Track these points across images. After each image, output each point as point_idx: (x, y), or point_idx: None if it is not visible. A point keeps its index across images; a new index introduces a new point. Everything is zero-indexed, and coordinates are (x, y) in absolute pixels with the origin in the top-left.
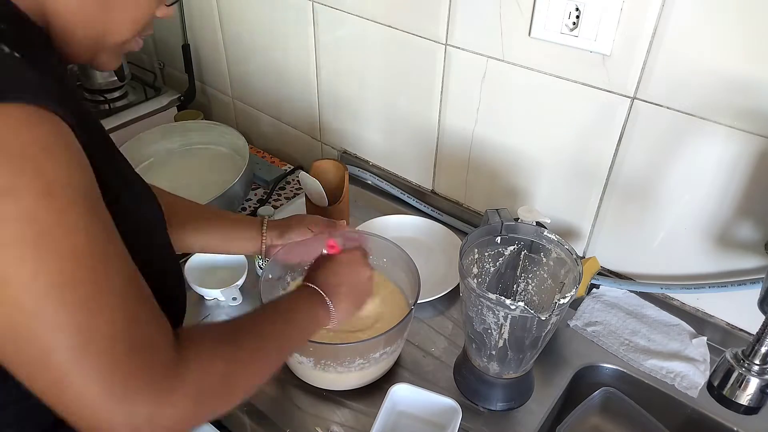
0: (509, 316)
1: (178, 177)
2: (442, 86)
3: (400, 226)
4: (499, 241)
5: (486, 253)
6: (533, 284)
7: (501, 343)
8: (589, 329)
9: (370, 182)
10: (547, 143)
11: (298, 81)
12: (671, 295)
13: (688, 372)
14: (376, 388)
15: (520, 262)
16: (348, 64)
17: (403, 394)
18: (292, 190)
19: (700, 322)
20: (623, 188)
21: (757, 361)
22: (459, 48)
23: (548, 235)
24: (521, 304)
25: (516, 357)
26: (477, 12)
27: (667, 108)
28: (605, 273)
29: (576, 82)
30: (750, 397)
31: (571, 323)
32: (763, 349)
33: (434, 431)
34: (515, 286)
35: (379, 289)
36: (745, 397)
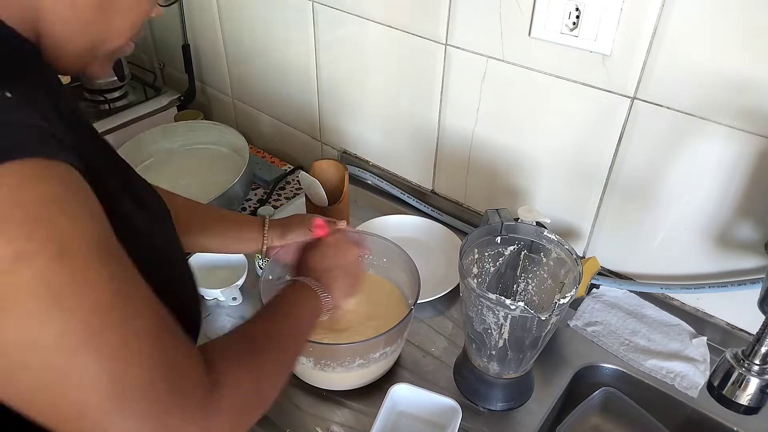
0: (509, 316)
1: (178, 177)
2: (442, 86)
3: (400, 226)
4: (499, 241)
5: (486, 253)
6: (533, 284)
7: (501, 343)
8: (589, 329)
9: (370, 182)
10: (547, 143)
11: (298, 81)
12: (671, 295)
13: (688, 372)
14: (376, 388)
15: (520, 262)
16: (348, 64)
17: (403, 394)
18: (292, 190)
19: (700, 322)
20: (623, 188)
21: (757, 361)
22: (459, 48)
23: (548, 235)
24: (521, 304)
25: (516, 357)
26: (477, 12)
27: (667, 108)
28: (605, 273)
29: (576, 82)
30: (750, 397)
31: (571, 323)
32: (763, 349)
33: (434, 431)
34: (515, 286)
35: (378, 289)
36: (745, 397)
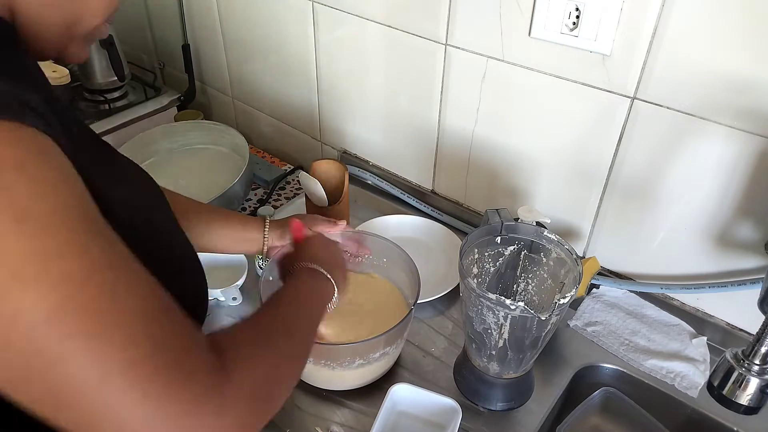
0: (509, 316)
1: (178, 177)
2: (442, 86)
3: (400, 226)
4: (499, 241)
5: (486, 253)
6: (533, 284)
7: (501, 343)
8: (589, 329)
9: (370, 182)
10: (547, 143)
11: (298, 81)
12: (671, 295)
13: (688, 372)
14: (376, 388)
15: (520, 262)
16: (348, 64)
17: (403, 394)
18: (292, 190)
19: (700, 322)
20: (623, 188)
21: (757, 361)
22: (459, 48)
23: (548, 235)
24: (521, 304)
25: (516, 357)
26: (477, 12)
27: (667, 108)
28: (605, 273)
29: (576, 82)
30: (750, 397)
31: (571, 323)
32: (763, 349)
33: (434, 431)
34: (515, 286)
35: (378, 289)
36: (745, 397)
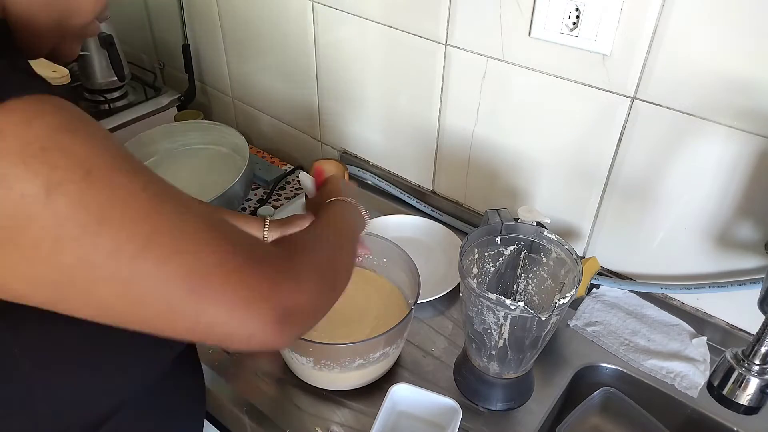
0: (509, 316)
1: (178, 177)
2: (442, 86)
3: (400, 226)
4: (499, 241)
5: (486, 253)
6: (533, 284)
7: (501, 343)
8: (589, 329)
9: (370, 182)
10: (547, 143)
11: (298, 81)
12: (671, 295)
13: (688, 372)
14: (376, 388)
15: (520, 262)
16: (348, 64)
17: (403, 394)
18: (292, 190)
19: (700, 322)
20: (623, 188)
21: (757, 361)
22: (459, 48)
23: (548, 235)
24: (521, 304)
25: (516, 357)
26: (477, 12)
27: (667, 108)
28: (605, 273)
29: (576, 82)
30: (750, 397)
31: (571, 323)
32: (763, 349)
33: (434, 431)
34: (515, 286)
35: (378, 289)
36: (745, 397)
